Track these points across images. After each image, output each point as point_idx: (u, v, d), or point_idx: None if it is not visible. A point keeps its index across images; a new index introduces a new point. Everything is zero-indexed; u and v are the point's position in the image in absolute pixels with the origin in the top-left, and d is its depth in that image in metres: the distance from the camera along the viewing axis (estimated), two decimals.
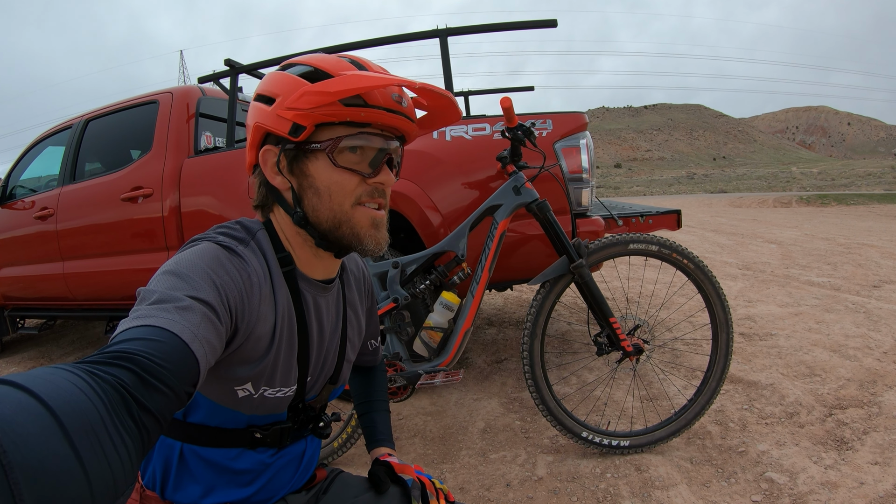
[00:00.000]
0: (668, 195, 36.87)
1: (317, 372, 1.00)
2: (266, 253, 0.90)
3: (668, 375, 2.92)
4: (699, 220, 13.23)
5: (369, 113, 0.85)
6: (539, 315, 2.13)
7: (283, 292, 0.90)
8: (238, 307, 0.79)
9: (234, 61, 3.06)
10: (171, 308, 0.65)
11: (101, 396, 0.44)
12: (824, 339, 3.42)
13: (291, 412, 0.99)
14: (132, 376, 0.50)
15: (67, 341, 4.70)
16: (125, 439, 0.45)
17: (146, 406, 0.49)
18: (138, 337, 0.57)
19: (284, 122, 0.86)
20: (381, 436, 1.24)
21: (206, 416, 0.91)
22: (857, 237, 8.72)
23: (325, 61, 0.88)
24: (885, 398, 2.52)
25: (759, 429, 2.33)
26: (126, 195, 3.20)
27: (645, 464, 2.09)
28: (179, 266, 0.74)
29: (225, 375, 0.85)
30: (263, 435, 0.94)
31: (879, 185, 31.77)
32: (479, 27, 2.79)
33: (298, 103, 0.84)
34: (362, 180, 0.89)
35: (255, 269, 0.85)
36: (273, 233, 0.93)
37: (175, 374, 0.56)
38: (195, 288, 0.71)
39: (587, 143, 2.55)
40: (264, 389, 0.89)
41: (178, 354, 0.59)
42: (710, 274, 2.13)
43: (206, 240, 0.83)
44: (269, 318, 0.87)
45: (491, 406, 2.71)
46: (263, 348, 0.86)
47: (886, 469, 1.97)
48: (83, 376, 0.45)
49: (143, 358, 0.53)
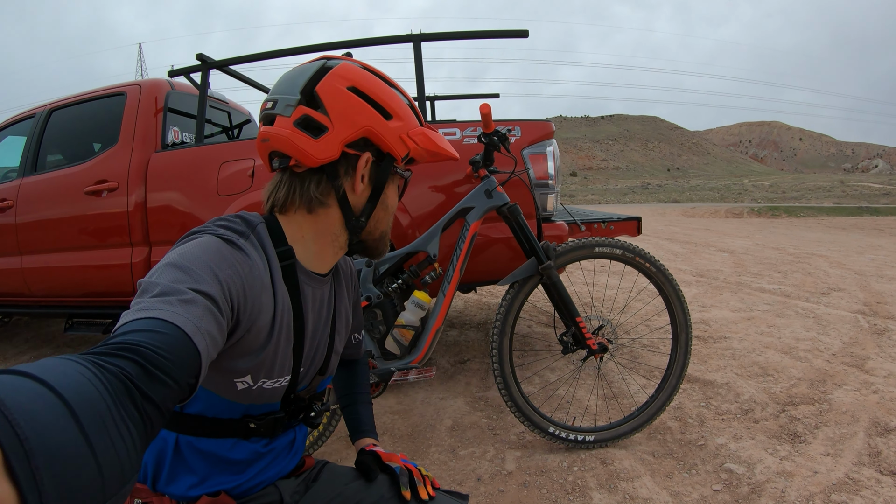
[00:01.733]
0: (623, 204, 37.57)
1: (308, 362, 1.02)
2: (266, 247, 0.91)
3: (629, 375, 3.02)
4: (654, 229, 13.55)
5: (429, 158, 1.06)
6: (508, 314, 2.19)
7: (282, 285, 0.92)
8: (240, 300, 0.80)
9: (206, 56, 3.04)
10: (174, 301, 0.65)
11: (106, 387, 0.45)
12: (776, 341, 3.58)
13: (284, 402, 1.01)
14: (136, 367, 0.51)
15: (22, 339, 4.55)
16: (130, 429, 0.45)
17: (150, 396, 0.50)
18: (142, 329, 0.58)
19: (403, 147, 0.99)
20: (365, 427, 1.26)
21: (204, 408, 0.92)
22: (807, 247, 9.08)
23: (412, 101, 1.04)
24: (835, 396, 2.67)
25: (717, 424, 2.44)
26: (90, 188, 3.13)
27: (610, 457, 2.17)
28: (182, 258, 0.75)
29: (225, 368, 0.86)
30: (258, 425, 0.96)
31: (829, 199, 32.99)
32: (452, 34, 2.84)
33: (419, 140, 0.99)
34: None
35: (255, 263, 0.86)
36: (274, 227, 0.94)
37: (178, 366, 0.56)
38: (198, 281, 0.72)
39: (553, 150, 2.63)
40: (263, 381, 0.91)
41: (180, 346, 0.59)
42: (670, 277, 2.22)
43: (206, 232, 0.84)
44: (269, 310, 0.88)
45: (457, 405, 2.76)
46: (263, 340, 0.88)
47: (838, 460, 2.10)
48: (90, 367, 0.46)
49: (146, 349, 0.54)
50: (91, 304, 3.36)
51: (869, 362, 3.15)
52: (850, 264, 6.96)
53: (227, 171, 2.82)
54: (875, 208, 22.44)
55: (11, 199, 3.45)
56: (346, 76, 0.94)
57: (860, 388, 2.76)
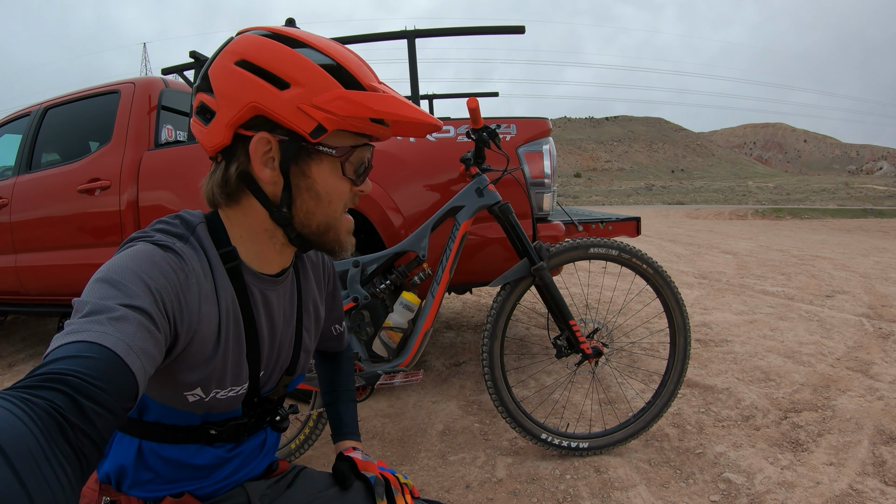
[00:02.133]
0: (627, 205, 37.57)
1: (270, 366, 0.97)
2: (207, 249, 0.85)
3: (626, 379, 2.96)
4: (657, 231, 13.50)
5: (385, 130, 0.86)
6: (499, 317, 2.13)
7: (227, 289, 0.86)
8: (175, 310, 0.74)
9: (199, 53, 3.01)
10: (103, 320, 0.61)
11: (36, 423, 0.43)
12: (778, 345, 3.51)
13: (246, 407, 0.96)
14: (65, 399, 0.48)
15: (18, 338, 4.53)
16: (63, 465, 0.43)
17: (82, 428, 0.47)
18: (70, 355, 0.54)
19: (307, 120, 0.79)
20: (347, 428, 1.21)
21: (160, 416, 0.88)
22: (811, 249, 9.01)
23: (346, 59, 0.81)
24: (839, 402, 2.60)
25: (716, 431, 2.37)
26: (83, 187, 3.11)
27: (604, 465, 2.10)
28: (111, 272, 0.69)
29: (172, 381, 0.82)
30: (219, 431, 0.92)
31: (833, 201, 32.91)
32: (446, 30, 2.80)
33: (331, 107, 0.78)
34: (351, 188, 0.88)
35: (193, 268, 0.80)
36: (216, 226, 0.87)
37: (110, 392, 0.53)
38: (128, 295, 0.67)
39: (550, 148, 2.58)
40: (216, 391, 0.86)
41: (112, 370, 0.56)
42: (668, 279, 2.16)
43: (141, 239, 0.78)
44: (213, 318, 0.83)
45: (449, 409, 2.70)
46: (209, 350, 0.83)
47: (841, 469, 2.03)
48: (16, 402, 0.44)
49: (76, 378, 0.50)
50: None
51: (874, 367, 3.07)
52: (854, 267, 6.89)
53: None
54: (880, 210, 22.36)
55: (6, 197, 3.47)
56: (237, 50, 0.80)
57: (865, 395, 2.68)
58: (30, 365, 3.81)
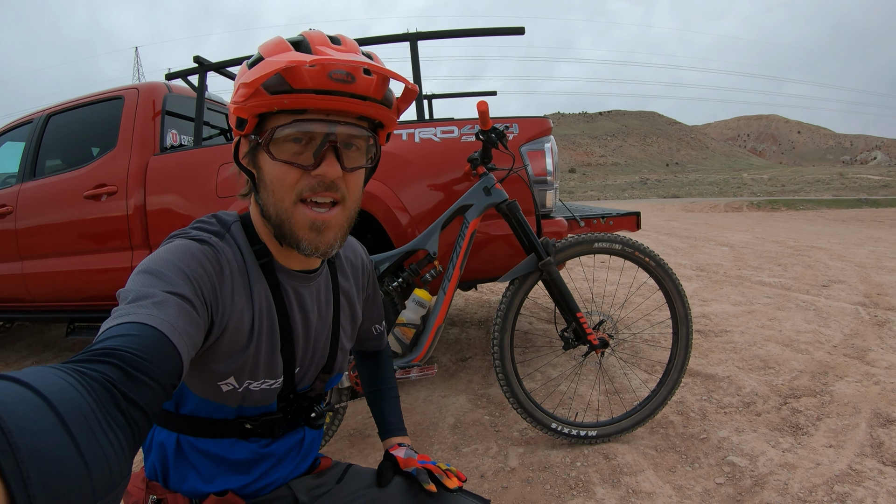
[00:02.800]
0: (622, 199, 37.63)
1: (306, 362, 1.00)
2: (241, 246, 0.90)
3: (631, 369, 3.02)
4: (653, 224, 13.57)
5: (294, 98, 0.79)
6: (509, 311, 2.19)
7: (261, 285, 0.90)
8: (211, 298, 0.79)
9: (202, 58, 3.04)
10: (147, 304, 0.66)
11: (90, 392, 0.45)
12: (777, 334, 3.58)
13: (282, 402, 0.98)
14: (117, 371, 0.51)
15: (24, 345, 4.55)
16: (116, 433, 0.46)
17: (133, 399, 0.50)
18: (120, 334, 0.58)
19: (232, 116, 0.85)
20: (392, 426, 1.23)
21: (196, 408, 0.91)
22: (807, 240, 9.10)
23: (267, 45, 0.84)
24: (836, 387, 2.67)
25: (719, 417, 2.44)
26: (89, 193, 3.13)
27: (612, 452, 2.17)
28: (152, 264, 0.75)
29: (207, 370, 0.86)
30: (254, 426, 0.95)
31: (828, 191, 33.01)
32: (448, 32, 2.84)
33: (236, 96, 0.82)
34: (305, 173, 0.83)
35: (227, 260, 0.85)
36: (250, 225, 0.93)
37: (158, 367, 0.57)
38: (169, 283, 0.72)
39: (552, 146, 2.64)
40: (248, 383, 0.90)
41: (159, 348, 0.60)
42: (670, 271, 2.22)
43: (180, 236, 0.84)
44: (246, 310, 0.87)
45: (459, 402, 2.76)
46: (243, 342, 0.87)
47: (840, 451, 2.10)
48: (71, 373, 0.46)
49: (126, 353, 0.54)
50: (92, 308, 3.37)
51: (870, 354, 3.15)
52: (850, 256, 6.98)
53: (225, 172, 2.82)
54: (874, 200, 22.45)
55: (11, 204, 3.46)
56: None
57: (861, 380, 2.76)
58: None
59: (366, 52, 0.88)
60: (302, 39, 0.84)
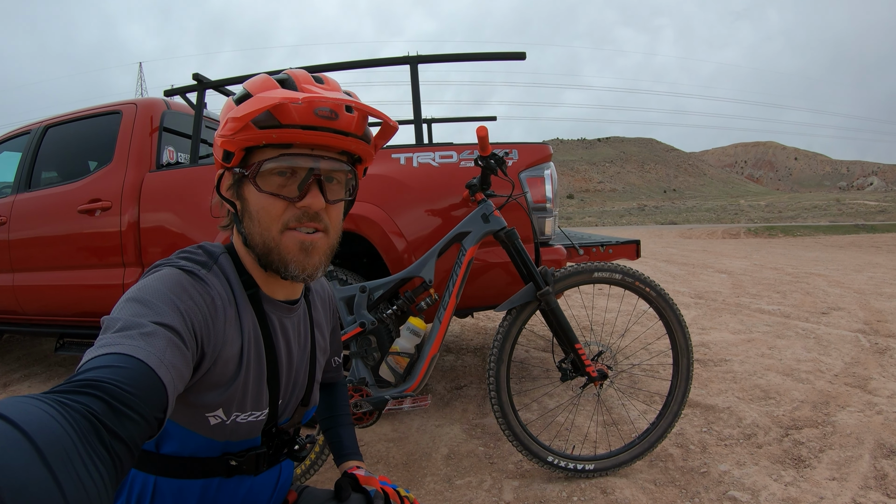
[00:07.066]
0: (620, 226, 37.76)
1: (288, 394, 1.00)
2: (229, 276, 0.90)
3: (629, 401, 2.97)
4: (651, 251, 13.55)
5: (282, 133, 0.83)
6: (506, 341, 2.14)
7: (249, 315, 0.90)
8: (203, 332, 0.79)
9: (201, 76, 3.03)
10: (135, 335, 0.65)
11: (72, 425, 0.44)
12: (777, 363, 3.54)
13: (266, 437, 0.98)
14: (101, 404, 0.50)
15: (13, 357, 4.50)
16: (98, 467, 0.44)
17: (117, 433, 0.49)
18: (105, 365, 0.57)
19: (219, 149, 0.89)
20: (348, 450, 1.25)
21: (180, 446, 0.89)
22: (805, 267, 9.07)
23: (254, 83, 0.88)
24: (839, 418, 2.62)
25: (719, 450, 2.39)
26: (83, 207, 3.10)
27: (610, 486, 2.11)
28: (142, 293, 0.74)
29: (195, 402, 0.84)
30: (239, 462, 0.93)
31: (825, 217, 33.16)
32: (448, 56, 2.83)
33: (224, 130, 0.85)
34: (290, 205, 0.87)
35: (218, 293, 0.85)
36: (236, 255, 0.94)
37: (144, 401, 0.55)
38: (159, 314, 0.71)
39: (551, 173, 2.61)
40: (236, 415, 0.89)
41: (145, 380, 0.58)
42: (671, 301, 2.18)
43: (167, 265, 0.83)
44: (236, 341, 0.87)
45: (453, 432, 2.70)
46: (232, 372, 0.86)
47: (844, 484, 2.05)
48: (53, 405, 0.45)
49: (111, 385, 0.53)
50: (83, 323, 3.34)
51: (872, 382, 3.10)
52: (848, 283, 6.95)
53: None
54: (872, 226, 22.54)
55: (5, 215, 3.44)
56: None
57: (864, 409, 2.71)
58: (25, 385, 3.79)
59: (346, 91, 0.93)
60: (287, 77, 0.88)
